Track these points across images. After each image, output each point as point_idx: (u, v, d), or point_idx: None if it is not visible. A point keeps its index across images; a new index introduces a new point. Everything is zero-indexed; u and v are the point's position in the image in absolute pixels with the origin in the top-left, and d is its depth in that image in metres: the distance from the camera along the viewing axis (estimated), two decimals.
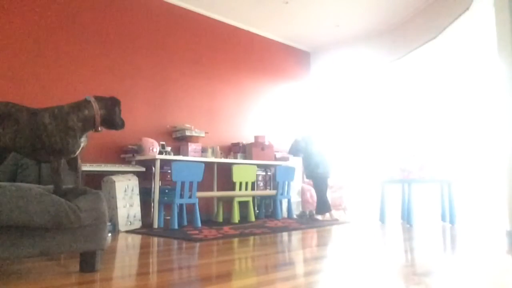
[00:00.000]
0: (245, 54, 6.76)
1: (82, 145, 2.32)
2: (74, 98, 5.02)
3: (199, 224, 4.75)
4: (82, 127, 2.25)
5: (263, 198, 6.06)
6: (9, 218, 1.93)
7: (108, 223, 4.10)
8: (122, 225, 4.40)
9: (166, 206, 5.01)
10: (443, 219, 5.10)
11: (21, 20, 4.50)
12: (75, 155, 2.31)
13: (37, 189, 2.08)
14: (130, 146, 5.07)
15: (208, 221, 5.28)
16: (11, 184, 2.05)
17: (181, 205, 4.97)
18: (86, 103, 2.30)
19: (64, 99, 4.67)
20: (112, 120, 2.36)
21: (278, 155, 6.57)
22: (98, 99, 2.34)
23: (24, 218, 1.96)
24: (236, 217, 5.19)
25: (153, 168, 4.82)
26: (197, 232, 4.17)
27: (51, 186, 2.26)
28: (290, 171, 5.98)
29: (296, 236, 4.01)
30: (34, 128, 2.17)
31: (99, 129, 2.33)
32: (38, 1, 4.63)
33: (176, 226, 4.58)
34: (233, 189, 5.47)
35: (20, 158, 3.16)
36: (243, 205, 5.57)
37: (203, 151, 5.62)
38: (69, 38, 4.84)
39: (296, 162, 6.34)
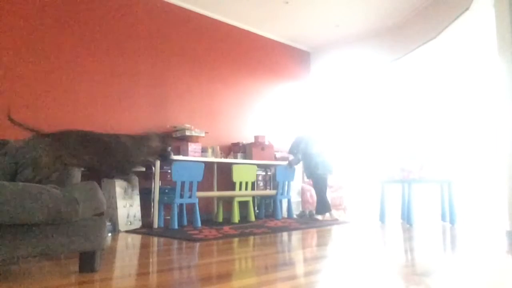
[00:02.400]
0: (245, 54, 6.75)
1: None
2: (74, 99, 5.00)
3: (199, 224, 4.75)
4: (146, 156, 2.59)
5: (263, 198, 6.06)
6: (10, 217, 1.92)
7: (108, 223, 4.11)
8: (122, 225, 4.40)
9: (166, 206, 5.01)
10: (443, 219, 5.10)
11: (19, 20, 4.49)
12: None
13: (36, 187, 2.07)
14: None
15: (208, 221, 5.28)
16: (11, 183, 2.05)
17: (181, 205, 4.97)
18: (156, 136, 2.63)
19: (64, 100, 4.70)
20: (163, 152, 2.69)
21: (278, 155, 6.57)
22: (159, 134, 2.67)
23: (24, 216, 1.96)
24: (236, 217, 5.19)
25: (153, 168, 4.82)
26: (197, 232, 4.17)
27: (50, 186, 2.25)
28: (290, 171, 5.98)
29: (296, 236, 4.01)
30: (113, 147, 2.45)
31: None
32: (36, 1, 4.63)
33: (176, 226, 4.58)
34: (233, 189, 5.47)
35: (20, 157, 3.15)
36: (243, 205, 5.57)
37: (203, 151, 5.62)
38: (68, 38, 4.83)
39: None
